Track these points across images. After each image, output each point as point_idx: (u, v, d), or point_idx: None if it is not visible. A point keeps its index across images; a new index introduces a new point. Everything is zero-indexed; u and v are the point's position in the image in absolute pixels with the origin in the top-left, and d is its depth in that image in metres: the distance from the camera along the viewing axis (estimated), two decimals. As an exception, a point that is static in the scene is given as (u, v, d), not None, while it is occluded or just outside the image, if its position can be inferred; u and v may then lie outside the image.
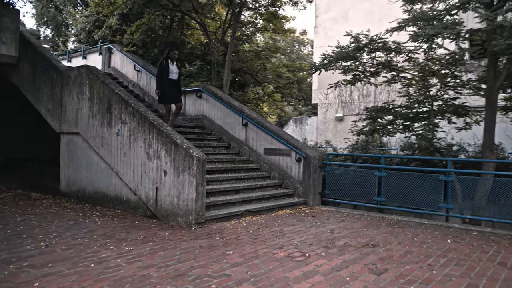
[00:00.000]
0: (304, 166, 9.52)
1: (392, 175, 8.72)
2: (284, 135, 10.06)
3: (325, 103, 20.61)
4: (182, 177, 7.07)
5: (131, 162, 8.08)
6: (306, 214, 8.37)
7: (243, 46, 15.72)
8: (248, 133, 10.68)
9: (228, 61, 12.31)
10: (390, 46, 9.94)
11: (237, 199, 8.28)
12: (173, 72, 9.97)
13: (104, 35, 15.75)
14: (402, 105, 10.53)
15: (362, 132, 10.65)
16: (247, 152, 10.59)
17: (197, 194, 6.89)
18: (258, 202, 8.72)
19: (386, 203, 8.85)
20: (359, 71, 10.82)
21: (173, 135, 7.35)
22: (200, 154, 7.02)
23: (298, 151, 9.54)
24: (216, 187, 8.41)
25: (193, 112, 12.07)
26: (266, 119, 18.52)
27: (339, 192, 9.55)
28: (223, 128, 11.22)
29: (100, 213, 8.16)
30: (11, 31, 11.56)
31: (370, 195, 9.02)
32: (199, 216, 6.94)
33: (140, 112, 7.91)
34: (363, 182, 9.12)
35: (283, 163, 9.95)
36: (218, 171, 9.25)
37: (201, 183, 6.96)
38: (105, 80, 8.82)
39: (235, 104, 11.07)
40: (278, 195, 9.30)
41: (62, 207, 8.79)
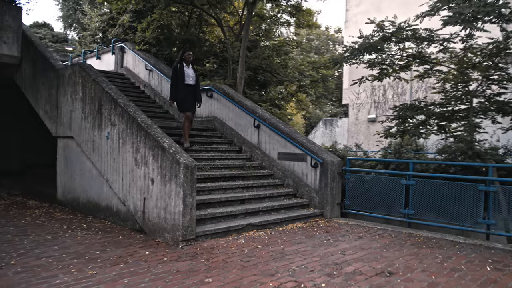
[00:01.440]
0: (321, 173, 8.50)
1: (421, 183, 7.55)
2: (299, 137, 9.07)
3: (357, 103, 19.39)
4: (169, 186, 6.23)
5: (120, 169, 7.33)
6: (319, 229, 7.35)
7: (264, 41, 14.80)
8: (260, 136, 9.76)
9: (242, 57, 11.44)
10: (421, 34, 8.77)
11: (239, 210, 7.37)
12: (189, 76, 9.02)
13: (118, 34, 15.26)
14: (435, 102, 9.29)
15: (389, 134, 9.49)
16: (260, 157, 9.67)
17: (184, 206, 6.02)
18: (265, 214, 7.78)
19: (414, 217, 7.69)
20: (386, 65, 9.68)
21: (160, 138, 6.53)
22: (189, 160, 6.16)
23: (313, 155, 8.53)
24: (218, 196, 7.54)
25: (204, 113, 11.27)
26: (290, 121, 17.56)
27: (361, 203, 8.45)
28: (234, 130, 10.35)
29: (87, 225, 7.44)
30: (13, 29, 11.16)
31: (396, 206, 7.89)
32: (188, 232, 6.07)
33: (128, 113, 7.15)
34: (388, 191, 7.99)
35: (298, 170, 8.96)
36: (223, 178, 8.38)
37: (189, 193, 6.09)
38: (97, 78, 8.13)
39: (247, 103, 10.18)
40: (290, 205, 8.32)
41: (50, 218, 8.16)
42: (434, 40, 8.72)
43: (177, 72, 8.91)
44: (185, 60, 8.99)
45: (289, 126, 9.62)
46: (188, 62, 9.06)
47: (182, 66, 8.93)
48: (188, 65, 9.05)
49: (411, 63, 9.54)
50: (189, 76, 9.01)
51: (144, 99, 12.77)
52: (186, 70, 8.98)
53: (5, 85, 13.00)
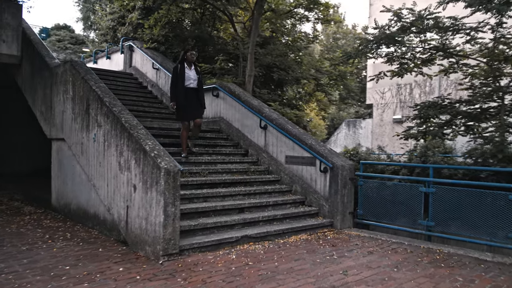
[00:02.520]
0: (331, 178, 7.76)
1: (443, 191, 6.72)
2: (308, 139, 8.35)
3: (381, 103, 18.44)
4: (150, 194, 5.64)
5: (105, 174, 6.80)
6: (325, 242, 6.61)
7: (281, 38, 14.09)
8: (267, 138, 9.10)
9: (251, 53, 10.79)
10: (445, 23, 7.92)
11: (236, 220, 6.72)
12: (190, 79, 8.21)
13: (127, 32, 14.89)
14: (461, 99, 8.40)
15: (409, 135, 8.65)
16: (266, 161, 9.00)
17: (165, 217, 5.41)
18: (266, 224, 7.10)
19: (435, 229, 6.85)
20: (406, 59, 8.85)
21: (143, 140, 5.95)
22: (171, 164, 5.54)
23: (322, 159, 7.80)
24: (213, 204, 6.91)
25: (210, 113, 10.68)
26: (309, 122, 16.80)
27: (376, 212, 7.66)
28: (240, 132, 9.72)
29: (71, 235, 6.94)
30: (13, 28, 10.84)
31: (415, 217, 7.06)
32: (170, 246, 5.46)
33: (113, 112, 6.61)
34: (405, 200, 7.18)
35: (306, 175, 8.24)
36: (223, 184, 7.75)
37: (171, 202, 5.47)
38: (86, 76, 7.65)
39: (254, 103, 9.53)
40: (296, 215, 7.61)
41: (37, 226, 7.71)
42: (460, 29, 7.85)
43: (177, 73, 8.16)
44: (187, 61, 8.25)
45: (297, 127, 8.91)
46: (191, 62, 8.32)
47: (183, 67, 8.18)
48: (190, 66, 8.30)
49: (435, 56, 8.69)
50: (190, 79, 8.23)
51: (150, 99, 12.30)
52: (188, 71, 8.21)
53: (10, 87, 12.78)
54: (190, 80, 8.23)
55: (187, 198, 6.92)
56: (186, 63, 8.25)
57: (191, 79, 8.24)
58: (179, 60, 8.34)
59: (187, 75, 8.20)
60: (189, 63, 8.29)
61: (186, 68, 8.22)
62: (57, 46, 26.13)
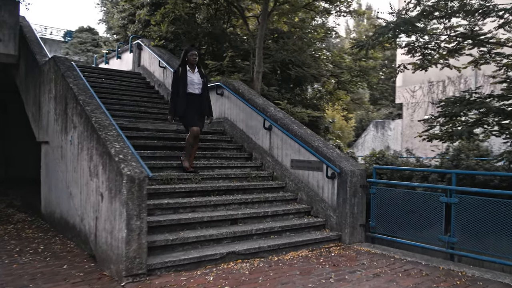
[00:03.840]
0: (339, 186, 6.90)
1: (468, 202, 5.74)
2: (314, 140, 7.51)
3: (412, 102, 17.27)
4: (114, 204, 4.96)
5: (79, 180, 6.19)
6: (327, 260, 5.77)
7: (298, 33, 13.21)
8: (272, 140, 8.32)
9: (259, 47, 10.03)
10: (473, 5, 6.93)
11: (224, 234, 5.96)
12: (193, 83, 7.31)
13: (136, 30, 14.44)
14: (493, 94, 7.35)
15: (432, 137, 7.66)
16: (271, 165, 8.21)
17: (128, 231, 4.72)
18: (261, 238, 6.31)
19: (458, 246, 5.87)
20: (430, 49, 7.87)
21: (110, 142, 5.29)
22: (136, 171, 4.85)
23: (329, 163, 6.95)
24: (201, 215, 6.18)
25: (215, 113, 9.95)
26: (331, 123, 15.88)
27: (390, 225, 6.73)
28: (245, 134, 8.97)
29: (45, 248, 6.36)
30: (10, 26, 10.45)
31: (434, 231, 6.10)
32: (134, 265, 4.75)
33: (85, 112, 5.99)
34: (423, 211, 6.23)
35: (313, 181, 7.41)
36: (216, 191, 7.02)
37: (136, 214, 4.77)
38: (65, 73, 7.08)
39: (258, 101, 8.76)
40: (299, 227, 6.78)
41: (14, 237, 7.18)
42: (490, 12, 6.83)
43: (178, 78, 7.26)
44: (188, 63, 7.35)
45: (304, 127, 8.08)
46: (194, 64, 7.39)
47: (185, 70, 7.29)
48: (193, 68, 7.38)
49: (463, 45, 7.69)
50: (193, 83, 7.31)
51: (155, 99, 11.72)
52: (190, 75, 7.30)
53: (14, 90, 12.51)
54: (194, 85, 7.32)
55: (171, 208, 6.23)
56: (188, 65, 7.35)
57: (195, 84, 7.33)
58: (180, 62, 7.50)
59: (190, 79, 7.28)
60: (192, 65, 7.37)
61: (189, 71, 7.32)
62: (78, 48, 26.18)
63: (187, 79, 7.25)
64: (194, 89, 7.32)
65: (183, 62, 7.38)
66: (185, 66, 7.34)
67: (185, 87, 7.22)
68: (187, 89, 7.24)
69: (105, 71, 13.08)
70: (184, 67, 7.33)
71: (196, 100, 7.35)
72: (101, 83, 11.51)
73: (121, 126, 8.27)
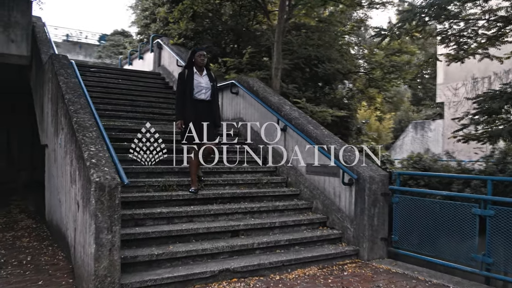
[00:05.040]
0: (356, 193, 6.13)
1: (506, 214, 4.85)
2: (331, 142, 6.76)
3: (454, 101, 16.06)
4: (85, 215, 4.43)
5: (64, 186, 5.74)
6: (337, 280, 5.02)
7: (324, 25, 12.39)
8: (287, 142, 7.64)
9: (277, 42, 9.34)
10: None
11: (221, 248, 5.32)
12: (201, 88, 6.40)
13: (158, 29, 14.09)
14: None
15: (469, 137, 6.74)
16: (285, 170, 7.53)
17: (98, 246, 4.16)
18: (264, 253, 5.63)
19: (494, 268, 4.98)
20: (465, 37, 6.96)
21: (86, 145, 4.77)
22: (108, 177, 4.28)
23: (345, 168, 6.19)
24: (196, 226, 5.59)
25: (230, 114, 9.41)
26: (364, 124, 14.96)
27: (415, 239, 5.88)
28: (259, 135, 8.33)
29: (30, 260, 5.93)
30: (22, 26, 10.25)
31: (466, 249, 5.22)
32: (105, 285, 4.18)
33: (69, 111, 5.52)
34: (453, 224, 5.36)
35: (329, 188, 6.66)
36: (220, 199, 6.43)
37: (106, 227, 4.21)
38: (58, 71, 6.68)
39: (273, 100, 8.10)
40: (310, 240, 6.05)
41: (7, 246, 6.83)
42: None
43: (183, 81, 6.41)
44: (196, 64, 6.45)
45: (321, 128, 7.34)
46: (201, 66, 6.48)
47: (192, 73, 6.41)
48: (201, 71, 6.49)
49: (504, 31, 6.73)
50: (201, 88, 6.40)
51: (172, 100, 11.17)
52: (197, 78, 6.41)
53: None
54: (201, 90, 6.41)
55: (165, 217, 5.68)
56: (196, 67, 6.48)
57: (202, 88, 6.41)
58: (186, 63, 6.64)
59: (197, 82, 6.39)
60: (200, 68, 6.48)
61: (196, 73, 6.43)
62: (110, 51, 26.33)
63: (193, 83, 6.36)
64: (201, 93, 6.41)
65: (190, 64, 6.51)
66: (191, 68, 6.46)
67: (191, 92, 6.34)
68: (194, 95, 6.36)
69: (124, 72, 12.82)
70: (191, 69, 6.45)
71: (204, 107, 6.44)
72: (117, 83, 11.19)
73: (125, 128, 7.95)
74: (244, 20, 13.55)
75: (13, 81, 12.03)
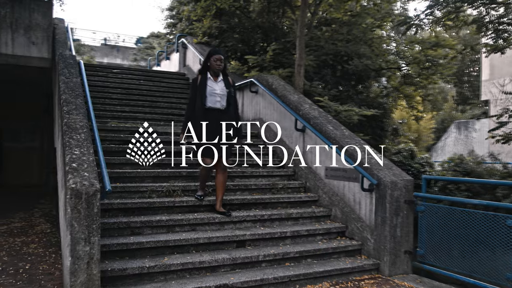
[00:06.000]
0: (377, 201, 5.54)
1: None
2: (351, 144, 6.19)
3: (501, 99, 14.94)
4: (63, 225, 4.11)
5: (59, 192, 5.45)
6: (349, 300, 4.47)
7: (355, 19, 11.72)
8: (306, 143, 7.12)
9: (300, 37, 8.81)
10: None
11: (220, 260, 4.88)
12: (215, 95, 5.61)
13: (183, 28, 13.85)
14: None
15: (509, 137, 6.00)
16: (304, 174, 7.01)
17: (74, 259, 3.81)
18: (270, 266, 5.15)
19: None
20: (505, 23, 6.22)
21: (70, 147, 4.45)
22: (85, 183, 3.92)
23: (364, 172, 5.62)
24: (197, 236, 5.17)
25: (250, 114, 8.97)
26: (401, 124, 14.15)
27: (443, 253, 5.21)
28: (278, 136, 7.84)
29: (29, 267, 5.68)
30: (43, 28, 10.24)
31: (500, 266, 4.54)
32: (82, 302, 3.84)
33: (62, 111, 5.23)
34: (485, 238, 4.68)
35: (349, 194, 6.09)
36: (228, 206, 5.98)
37: (84, 238, 3.85)
38: (61, 70, 6.47)
39: (292, 98, 7.60)
40: (325, 252, 5.51)
41: (13, 252, 6.64)
42: None
43: (196, 88, 5.67)
44: (211, 69, 5.68)
45: (342, 128, 6.76)
46: (217, 71, 5.69)
47: (205, 79, 5.64)
48: (216, 76, 5.70)
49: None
50: (215, 95, 5.60)
51: (193, 101, 10.94)
52: (212, 84, 5.62)
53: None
54: (215, 97, 5.61)
55: (165, 226, 5.31)
56: (210, 72, 5.69)
57: (216, 96, 5.61)
58: (201, 67, 5.85)
59: (210, 89, 5.58)
60: (215, 73, 5.69)
61: (210, 79, 5.64)
62: (145, 53, 26.53)
63: (206, 90, 5.57)
64: (215, 102, 5.61)
65: (205, 68, 5.74)
66: (205, 73, 5.70)
67: (203, 100, 5.56)
68: (206, 103, 5.58)
69: (147, 73, 12.65)
70: (205, 75, 5.68)
71: (219, 117, 5.61)
72: (138, 85, 11.00)
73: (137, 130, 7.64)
74: (272, 17, 13.08)
75: (42, 83, 12.08)
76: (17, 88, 13.06)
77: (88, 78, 10.26)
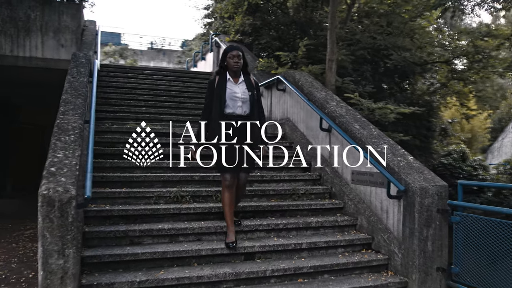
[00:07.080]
0: (405, 209, 4.88)
1: None
2: (379, 143, 5.56)
3: None
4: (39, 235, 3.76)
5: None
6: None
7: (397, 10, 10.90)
8: (332, 144, 6.53)
9: (331, 29, 8.18)
10: None
11: (222, 275, 4.41)
12: (235, 100, 4.80)
13: (217, 27, 13.51)
14: None
15: None
16: (329, 179, 6.42)
17: (46, 273, 3.48)
18: (281, 283, 4.64)
19: None
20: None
21: (54, 150, 4.13)
22: (59, 189, 3.56)
23: (390, 176, 4.97)
24: (198, 247, 4.72)
25: (278, 114, 8.47)
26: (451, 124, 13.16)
27: (482, 272, 4.47)
28: (305, 137, 7.31)
29: (33, 277, 5.52)
30: (71, 30, 10.23)
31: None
32: (54, 323, 3.48)
33: (58, 112, 4.95)
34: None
35: (375, 201, 5.46)
36: (241, 213, 5.50)
37: (57, 250, 3.51)
38: (70, 70, 6.26)
39: (318, 95, 7.02)
40: (344, 267, 4.92)
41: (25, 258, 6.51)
42: None
43: (212, 91, 4.88)
44: (229, 69, 4.88)
45: (370, 127, 6.12)
46: (237, 72, 4.88)
47: (224, 80, 4.84)
48: (236, 77, 4.89)
49: None
50: (235, 99, 4.80)
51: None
52: (231, 86, 4.83)
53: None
54: (237, 102, 4.80)
55: (167, 235, 4.90)
56: (229, 72, 4.89)
57: (237, 100, 4.80)
58: (218, 67, 5.02)
59: (230, 92, 4.78)
60: (234, 73, 4.87)
61: (229, 81, 4.84)
62: (189, 56, 26.61)
63: (225, 93, 4.77)
64: (236, 106, 4.80)
65: (222, 68, 4.94)
66: (224, 74, 4.89)
67: (221, 105, 4.75)
68: (225, 108, 4.79)
69: (179, 74, 12.40)
70: (223, 76, 4.88)
71: (240, 125, 4.79)
72: (167, 86, 10.75)
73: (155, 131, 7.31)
74: (309, 11, 12.50)
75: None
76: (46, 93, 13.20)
77: (117, 80, 10.23)
